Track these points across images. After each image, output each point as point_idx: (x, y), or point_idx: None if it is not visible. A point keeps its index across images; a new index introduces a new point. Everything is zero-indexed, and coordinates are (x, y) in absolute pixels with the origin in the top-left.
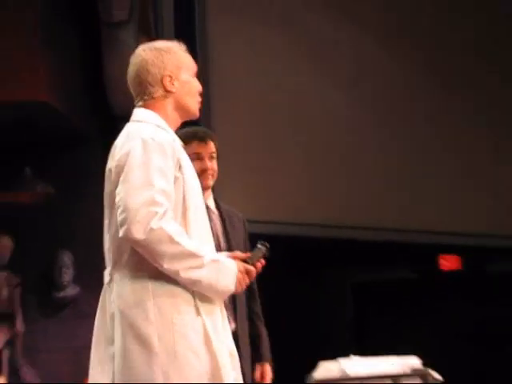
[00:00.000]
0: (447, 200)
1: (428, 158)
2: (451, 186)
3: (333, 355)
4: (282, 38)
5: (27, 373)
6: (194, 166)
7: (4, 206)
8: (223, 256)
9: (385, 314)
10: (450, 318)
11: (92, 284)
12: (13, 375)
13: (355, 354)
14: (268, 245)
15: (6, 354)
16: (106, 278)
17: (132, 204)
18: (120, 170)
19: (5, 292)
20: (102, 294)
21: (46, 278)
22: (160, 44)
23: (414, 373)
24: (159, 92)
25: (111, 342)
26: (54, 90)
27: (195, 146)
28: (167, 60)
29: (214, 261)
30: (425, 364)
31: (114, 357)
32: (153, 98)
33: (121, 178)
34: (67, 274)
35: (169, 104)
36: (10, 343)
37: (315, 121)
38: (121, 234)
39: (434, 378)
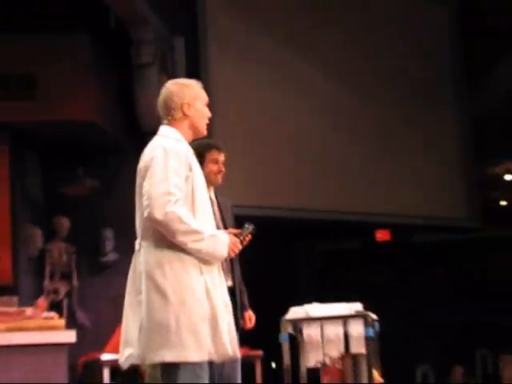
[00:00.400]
0: (382, 188)
1: (370, 153)
2: (386, 178)
3: (300, 303)
4: (269, 68)
5: (80, 315)
6: (212, 167)
7: (63, 196)
8: (220, 232)
9: (338, 273)
10: (383, 275)
11: (127, 251)
12: (70, 318)
13: (316, 301)
14: (253, 225)
15: (65, 302)
16: (136, 247)
17: (153, 194)
18: (146, 169)
19: (64, 258)
20: (134, 257)
21: (93, 247)
22: (183, 80)
23: (358, 314)
24: (179, 115)
25: (139, 292)
26: (99, 113)
27: (215, 153)
28: (186, 92)
29: (211, 235)
30: (365, 308)
31: (141, 303)
32: (174, 119)
33: (147, 175)
34: (109, 245)
35: (185, 124)
36: (68, 294)
37: (287, 127)
38: (145, 215)
39: (371, 319)
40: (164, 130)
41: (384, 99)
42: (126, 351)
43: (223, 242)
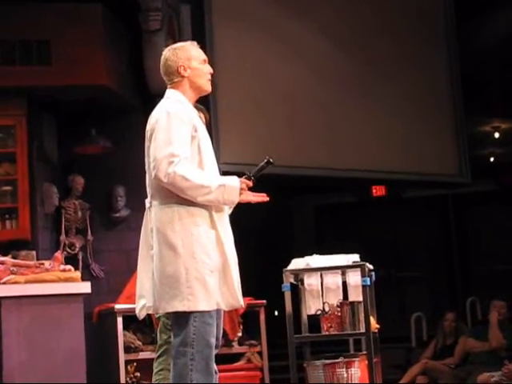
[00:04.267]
0: (377, 146)
1: (363, 113)
2: (378, 136)
3: (301, 255)
4: (271, 35)
5: (95, 268)
6: None
7: (78, 155)
8: (229, 179)
9: (336, 226)
10: (380, 228)
11: (138, 208)
12: (85, 270)
13: (316, 253)
14: (271, 160)
15: (80, 256)
16: (147, 204)
17: (158, 156)
18: (152, 132)
19: (79, 213)
20: (145, 215)
21: (106, 203)
22: (177, 44)
23: (355, 264)
24: (177, 78)
25: (151, 247)
26: (110, 76)
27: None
28: (181, 54)
29: (220, 186)
30: (362, 259)
31: (152, 257)
32: (174, 82)
33: (152, 138)
34: (121, 201)
35: (185, 85)
36: (83, 248)
37: (285, 89)
38: (152, 176)
39: (368, 269)
40: (168, 93)
41: (377, 59)
42: (140, 302)
43: (233, 189)
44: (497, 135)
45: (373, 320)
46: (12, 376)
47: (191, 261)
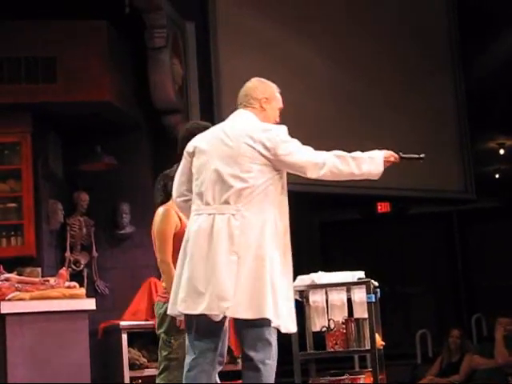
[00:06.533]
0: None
1: (366, 129)
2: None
3: (306, 272)
4: (276, 53)
5: (100, 284)
6: None
7: (82, 172)
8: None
9: (342, 243)
10: (385, 244)
11: (143, 224)
12: (90, 286)
13: (321, 270)
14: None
15: (85, 272)
16: (231, 211)
17: (315, 160)
18: (266, 142)
19: (84, 230)
20: (227, 220)
21: (111, 220)
22: (268, 81)
23: (360, 281)
24: (256, 105)
25: (232, 253)
26: (115, 93)
27: None
28: (268, 90)
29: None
30: (367, 276)
31: (233, 262)
32: (252, 106)
33: (280, 148)
34: (126, 218)
35: (258, 114)
36: (88, 265)
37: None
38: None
39: (373, 285)
40: (247, 113)
41: (381, 79)
42: (222, 304)
43: (376, 160)
44: (502, 152)
45: (378, 337)
46: None
47: (277, 278)
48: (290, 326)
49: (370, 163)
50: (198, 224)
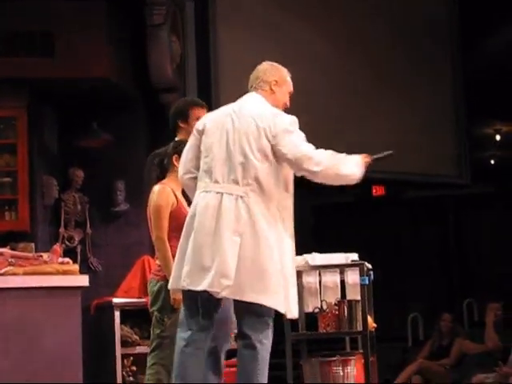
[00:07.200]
0: (378, 146)
1: (364, 112)
2: (382, 135)
3: (299, 253)
4: (274, 33)
5: (93, 261)
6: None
7: (78, 149)
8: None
9: (335, 225)
10: (379, 227)
11: (137, 202)
12: (83, 263)
13: (315, 252)
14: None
15: (79, 249)
16: (240, 193)
17: (309, 153)
18: (273, 129)
19: (79, 206)
20: (235, 201)
21: (106, 197)
22: (279, 65)
23: (354, 263)
24: (266, 88)
25: (237, 233)
26: (113, 69)
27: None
28: (279, 73)
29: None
30: (361, 258)
31: (237, 243)
32: (262, 89)
33: (281, 136)
34: (121, 195)
35: (267, 97)
36: (82, 242)
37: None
38: (301, 169)
39: (367, 268)
40: (258, 97)
41: (380, 60)
42: (222, 281)
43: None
44: (498, 138)
45: (370, 319)
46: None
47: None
48: (295, 311)
49: (356, 166)
50: (207, 201)
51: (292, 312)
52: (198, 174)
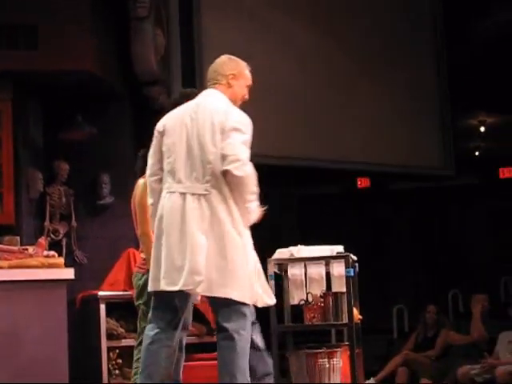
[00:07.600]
0: (363, 138)
1: (348, 103)
2: (365, 127)
3: (285, 245)
4: (259, 25)
5: (78, 254)
6: None
7: (63, 141)
8: None
9: (321, 217)
10: (364, 219)
11: (122, 195)
12: (69, 256)
13: (300, 244)
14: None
15: (64, 242)
16: (201, 191)
17: (240, 155)
18: (223, 126)
19: (64, 200)
20: (198, 199)
21: (91, 190)
22: (237, 58)
23: (339, 255)
24: (224, 82)
25: (205, 231)
26: (97, 62)
27: None
28: (236, 66)
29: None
30: (346, 250)
31: (205, 241)
32: (219, 83)
33: (226, 134)
34: (106, 189)
35: (225, 91)
36: (67, 235)
37: (270, 79)
38: (226, 168)
39: (352, 260)
40: (215, 92)
41: (361, 49)
42: (195, 277)
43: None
44: (482, 129)
45: (356, 311)
46: None
47: (249, 255)
48: (266, 300)
49: (258, 208)
50: (171, 203)
51: (264, 300)
52: (163, 174)
